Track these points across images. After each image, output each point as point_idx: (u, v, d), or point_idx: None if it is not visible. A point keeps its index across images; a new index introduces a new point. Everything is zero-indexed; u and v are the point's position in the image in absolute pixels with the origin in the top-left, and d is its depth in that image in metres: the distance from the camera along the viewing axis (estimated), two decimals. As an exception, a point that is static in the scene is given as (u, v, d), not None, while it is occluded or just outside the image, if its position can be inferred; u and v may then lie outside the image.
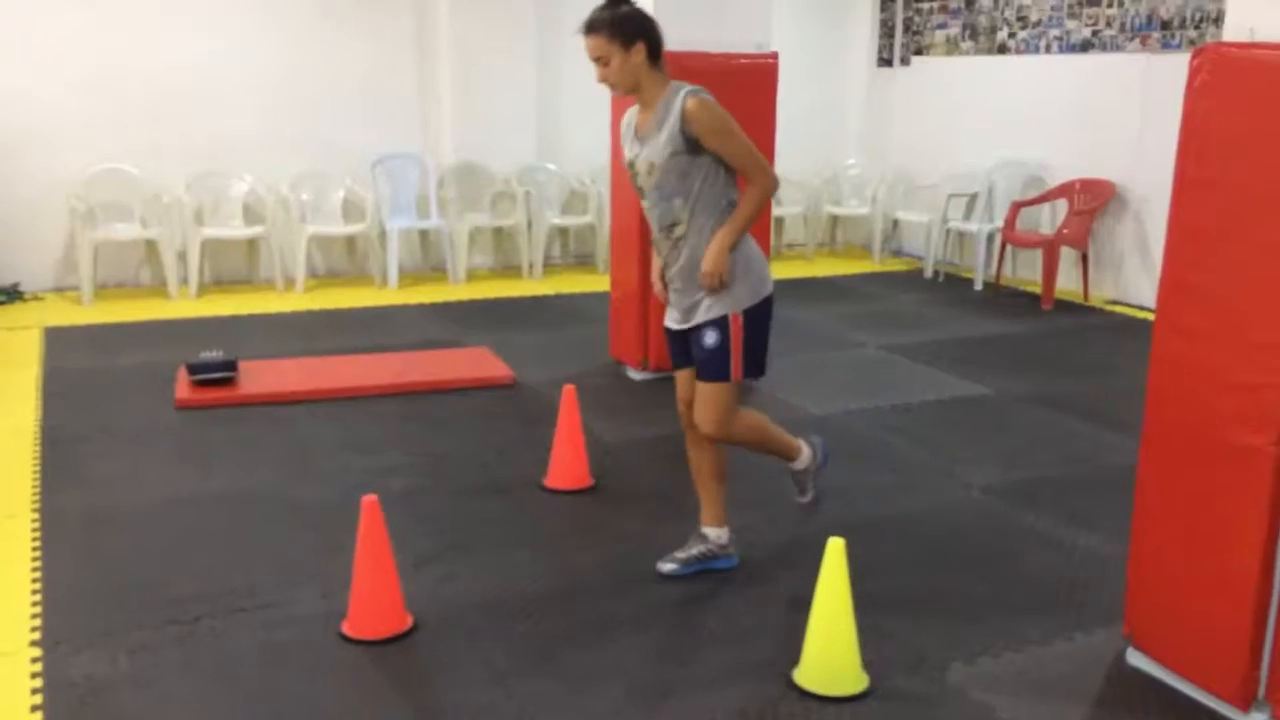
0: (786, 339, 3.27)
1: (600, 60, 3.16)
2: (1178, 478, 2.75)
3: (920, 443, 4.78)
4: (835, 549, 2.74)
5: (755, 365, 3.28)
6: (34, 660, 2.91)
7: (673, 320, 3.35)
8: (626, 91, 3.23)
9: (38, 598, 3.25)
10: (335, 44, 8.01)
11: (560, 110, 8.64)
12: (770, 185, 3.18)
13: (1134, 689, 2.85)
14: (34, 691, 2.76)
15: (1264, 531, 2.54)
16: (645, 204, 3.29)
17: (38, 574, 3.40)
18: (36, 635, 3.03)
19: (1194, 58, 2.64)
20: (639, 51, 3.15)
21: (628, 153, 3.30)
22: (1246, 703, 2.65)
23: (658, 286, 3.46)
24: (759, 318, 3.24)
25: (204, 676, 2.85)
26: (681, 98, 3.12)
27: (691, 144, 3.12)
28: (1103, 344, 6.72)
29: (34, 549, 3.58)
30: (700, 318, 3.21)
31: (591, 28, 3.15)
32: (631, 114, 3.33)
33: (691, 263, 3.20)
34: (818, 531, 3.09)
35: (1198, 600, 2.72)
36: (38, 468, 4.30)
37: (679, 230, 3.21)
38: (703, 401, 3.25)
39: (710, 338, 3.19)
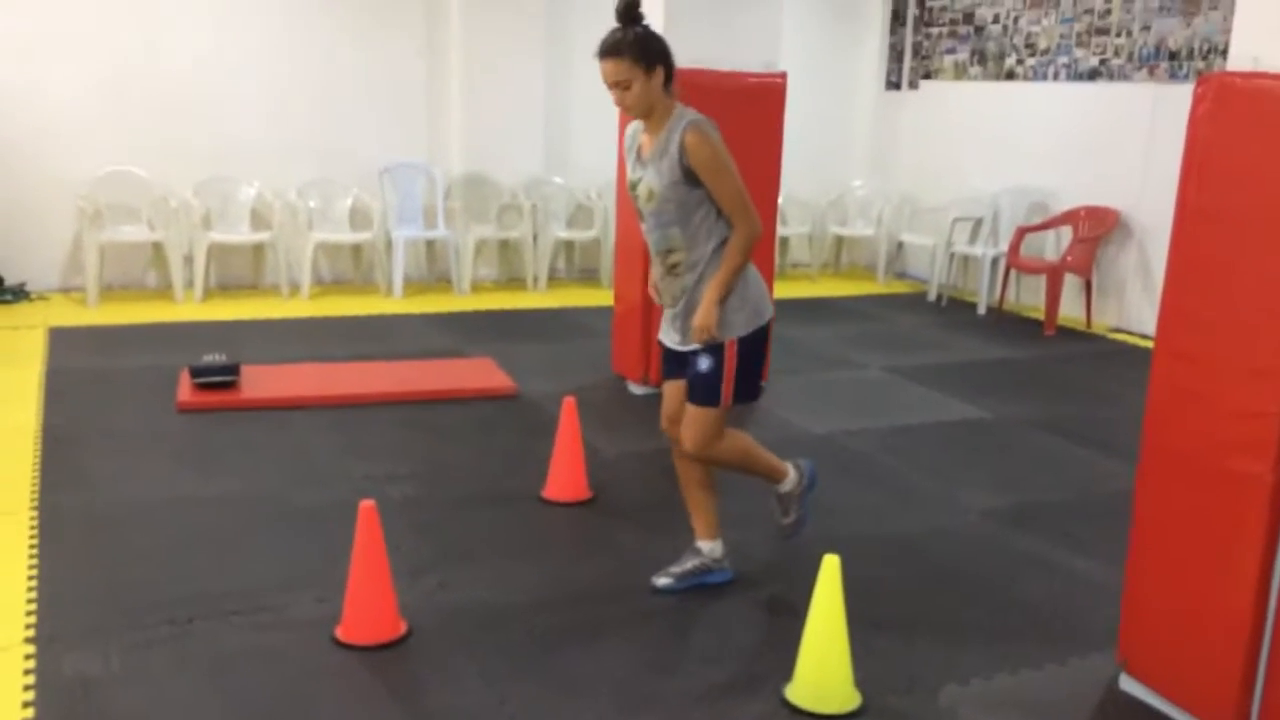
0: (789, 358, 3.30)
1: (620, 85, 3.09)
2: (1174, 503, 2.76)
3: (919, 464, 4.79)
4: (830, 566, 2.75)
5: (749, 390, 3.28)
6: (27, 657, 2.91)
7: (668, 338, 3.36)
8: (641, 116, 3.19)
9: (33, 595, 3.25)
10: (346, 52, 8.07)
11: (568, 124, 8.68)
12: (754, 232, 3.14)
13: (1127, 715, 2.85)
14: (26, 688, 2.76)
15: (1259, 558, 2.54)
16: (643, 227, 3.29)
17: (34, 571, 3.41)
18: (30, 632, 3.03)
19: (1198, 86, 2.66)
20: (659, 75, 3.12)
21: (631, 174, 3.30)
22: (1239, 731, 2.64)
23: (653, 293, 3.47)
24: (755, 344, 3.24)
25: (197, 678, 2.85)
26: (682, 128, 3.10)
27: (690, 175, 3.11)
28: (1104, 371, 6.72)
29: (31, 547, 3.59)
30: (695, 344, 3.21)
31: (614, 50, 3.06)
32: (636, 130, 3.33)
33: (684, 291, 3.21)
34: (813, 549, 3.08)
35: (1192, 626, 2.72)
36: (38, 466, 4.30)
37: (674, 258, 3.22)
38: (689, 422, 3.27)
39: (704, 363, 3.19)
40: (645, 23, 3.15)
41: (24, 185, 7.27)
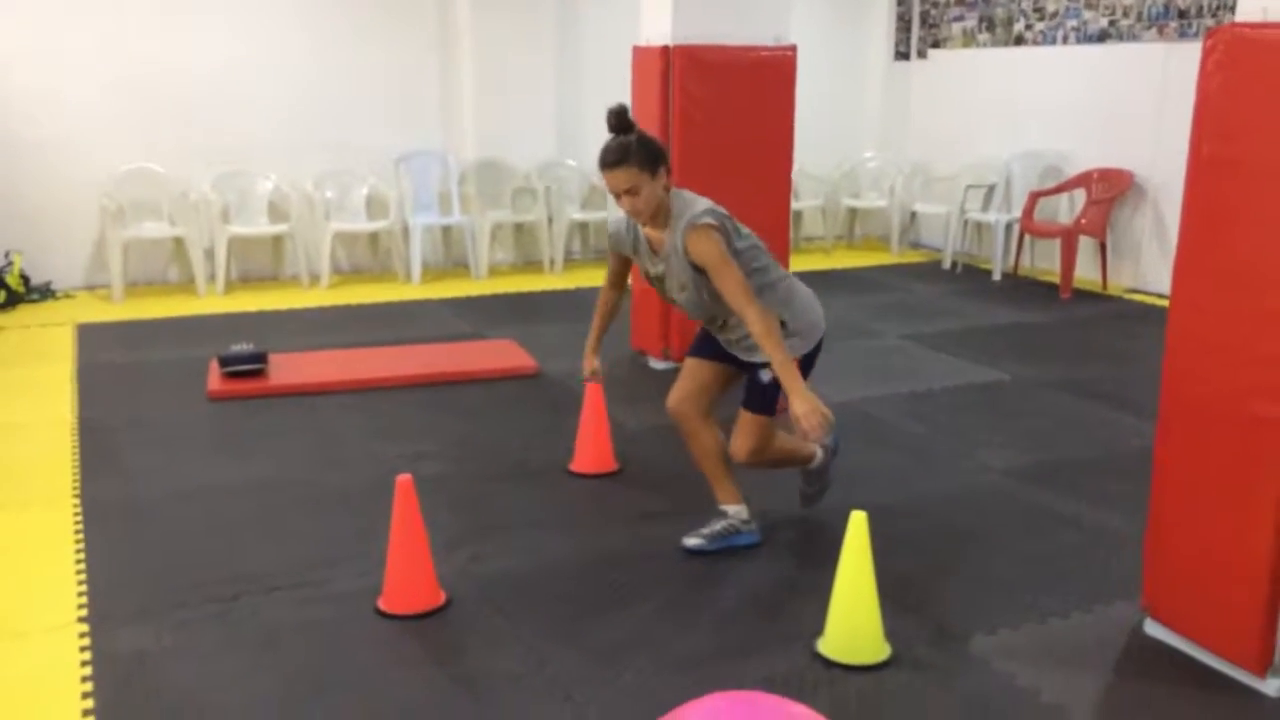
0: (806, 328, 3.45)
1: (630, 192, 3.14)
2: (1194, 449, 2.81)
3: (940, 427, 4.84)
4: (858, 521, 2.81)
5: None
6: (81, 635, 3.00)
7: (728, 346, 3.46)
8: (651, 218, 3.22)
9: (82, 578, 3.35)
10: (358, 44, 8.12)
11: (580, 107, 8.72)
12: (767, 318, 3.07)
13: (1152, 657, 2.91)
14: (83, 664, 2.86)
15: (1278, 499, 2.59)
16: (678, 307, 3.42)
17: (81, 556, 3.51)
18: (83, 612, 3.13)
19: (1209, 38, 2.70)
20: (663, 176, 3.18)
21: (650, 268, 3.37)
22: (1263, 668, 2.70)
23: (594, 366, 3.76)
24: (810, 357, 3.42)
25: (246, 650, 2.94)
26: (684, 230, 3.15)
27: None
28: (1121, 331, 6.75)
29: (76, 533, 3.69)
30: (760, 359, 3.30)
31: (619, 160, 3.12)
32: (628, 224, 3.38)
33: (742, 334, 3.33)
34: (839, 511, 3.13)
35: (1214, 569, 2.77)
36: (76, 457, 4.40)
37: (721, 318, 3.34)
38: (744, 429, 3.41)
39: (767, 376, 3.31)
40: (639, 129, 3.19)
41: (47, 187, 7.37)
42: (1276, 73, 2.54)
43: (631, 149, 3.13)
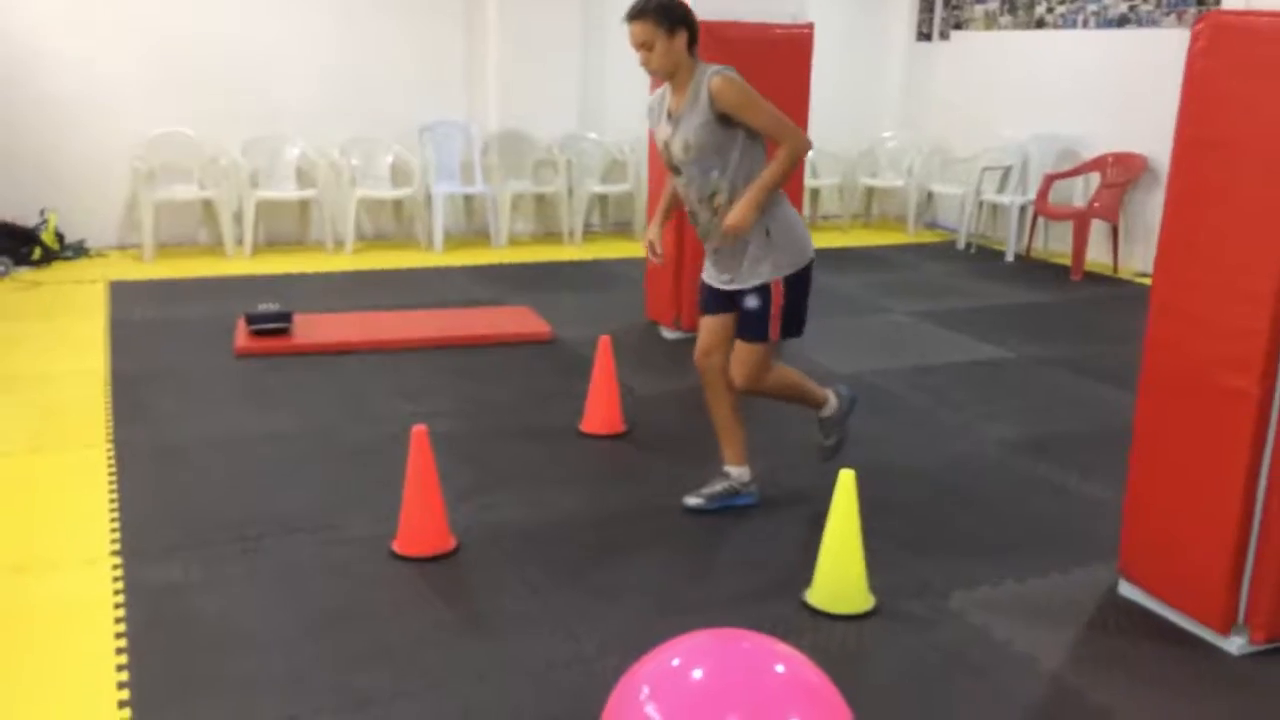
0: (817, 303, 3.54)
1: (644, 45, 3.35)
2: (1170, 418, 2.95)
3: (941, 399, 4.98)
4: (847, 479, 2.97)
5: (795, 326, 3.54)
6: (115, 568, 3.21)
7: (713, 278, 3.58)
8: (666, 76, 3.43)
9: (115, 516, 3.55)
10: (386, 15, 8.28)
11: (603, 81, 8.84)
12: (801, 146, 3.38)
13: (1123, 615, 3.06)
14: (116, 593, 3.06)
15: (1245, 466, 2.73)
16: (681, 180, 3.51)
17: (114, 497, 3.71)
18: (116, 547, 3.33)
19: (1196, 24, 2.81)
20: (681, 38, 3.36)
21: (661, 134, 3.52)
22: (1227, 626, 2.84)
23: (653, 237, 3.68)
24: (800, 283, 3.49)
25: (270, 585, 3.14)
26: (708, 78, 3.33)
27: (723, 119, 3.34)
28: (1130, 314, 6.83)
29: (110, 476, 3.89)
30: (743, 283, 3.44)
31: (639, 14, 3.35)
32: (661, 95, 3.54)
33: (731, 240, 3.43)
34: (835, 474, 3.26)
35: (1185, 533, 2.91)
36: (109, 406, 4.61)
37: (719, 199, 3.44)
38: (739, 358, 3.53)
39: (752, 301, 3.45)
40: None
41: (81, 148, 7.58)
42: (1256, 59, 2.66)
43: (650, 6, 3.33)
